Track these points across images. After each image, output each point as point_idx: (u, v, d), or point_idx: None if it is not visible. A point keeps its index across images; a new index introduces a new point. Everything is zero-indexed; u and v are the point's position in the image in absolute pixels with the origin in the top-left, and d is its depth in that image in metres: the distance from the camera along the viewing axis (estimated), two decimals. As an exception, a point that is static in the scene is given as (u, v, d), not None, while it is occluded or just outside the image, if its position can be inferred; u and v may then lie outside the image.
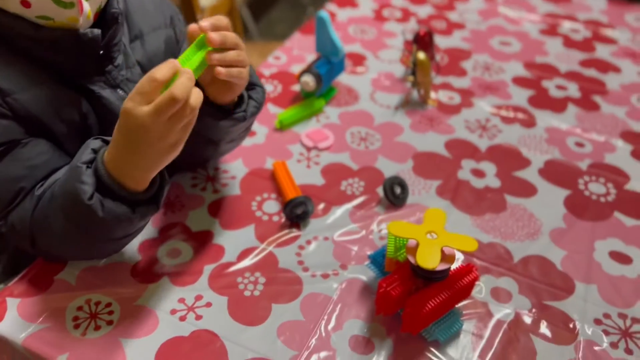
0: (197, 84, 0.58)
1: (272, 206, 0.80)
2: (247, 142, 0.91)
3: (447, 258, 0.60)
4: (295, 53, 1.15)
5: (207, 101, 0.64)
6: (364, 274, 0.71)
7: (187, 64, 0.57)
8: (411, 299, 0.61)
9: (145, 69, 0.74)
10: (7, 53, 0.63)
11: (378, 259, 0.69)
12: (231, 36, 0.61)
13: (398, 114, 1.00)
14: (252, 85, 0.72)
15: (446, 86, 1.08)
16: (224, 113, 0.67)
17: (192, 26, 0.59)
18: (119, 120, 0.55)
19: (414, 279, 0.62)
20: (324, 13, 0.95)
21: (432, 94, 1.05)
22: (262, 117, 0.97)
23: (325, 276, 0.71)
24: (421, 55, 0.97)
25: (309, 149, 0.91)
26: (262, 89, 0.74)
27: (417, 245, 0.60)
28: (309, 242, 0.75)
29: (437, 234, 0.61)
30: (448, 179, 0.87)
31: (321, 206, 0.81)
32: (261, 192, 0.82)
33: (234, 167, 0.86)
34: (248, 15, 2.46)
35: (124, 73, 0.70)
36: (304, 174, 0.86)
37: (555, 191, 0.86)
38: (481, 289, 0.70)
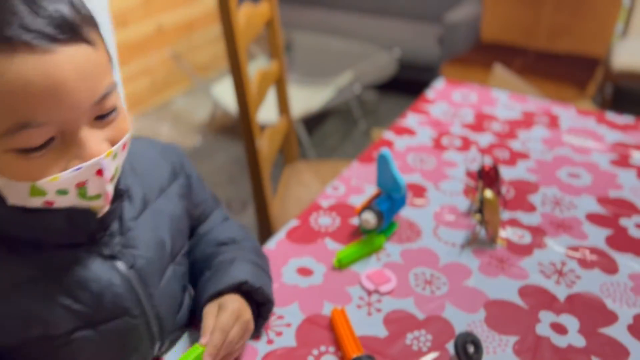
0: None
1: (330, 362, 0.73)
2: (304, 282, 0.86)
3: None
4: (353, 183, 1.13)
5: None
6: None
7: None
8: None
9: (178, 222, 0.75)
10: None
11: None
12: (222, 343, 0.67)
13: (465, 253, 0.94)
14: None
15: (514, 222, 1.01)
16: None
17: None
18: None
19: None
20: (386, 151, 0.93)
21: (501, 232, 0.98)
22: (319, 254, 0.92)
23: None
24: (489, 194, 0.92)
25: (369, 293, 0.85)
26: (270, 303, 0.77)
27: None
28: (371, 411, 0.67)
29: None
30: (526, 335, 0.78)
31: (384, 364, 0.73)
32: (318, 344, 0.76)
33: (290, 312, 0.81)
34: (303, 130, 2.52)
35: (118, 240, 0.65)
36: (364, 323, 0.79)
37: (651, 354, 0.76)
38: None
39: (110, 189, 0.59)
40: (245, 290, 0.73)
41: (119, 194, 0.64)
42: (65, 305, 0.60)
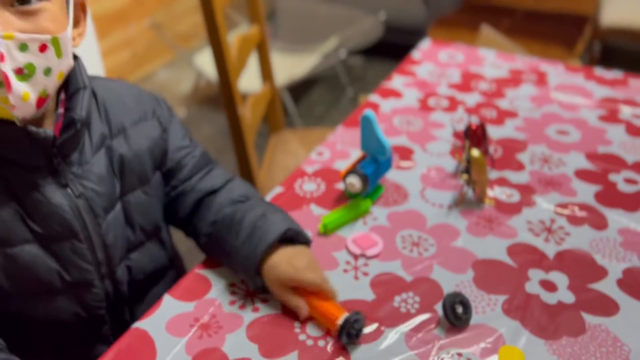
0: None
1: (317, 327, 0.72)
2: (290, 249, 0.85)
3: None
4: (338, 148, 1.10)
5: None
6: (426, 417, 0.61)
7: None
8: None
9: (132, 164, 0.74)
10: None
11: None
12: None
13: (452, 214, 0.92)
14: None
15: (503, 182, 1.00)
16: None
17: None
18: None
19: None
20: (369, 112, 0.90)
21: (489, 192, 0.97)
22: (305, 220, 0.90)
23: (380, 420, 0.61)
24: (475, 152, 0.90)
25: (356, 257, 0.84)
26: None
27: None
28: (360, 374, 0.66)
29: None
30: (515, 294, 0.77)
31: (372, 328, 0.72)
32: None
33: (276, 279, 0.79)
34: (288, 98, 2.48)
35: (75, 170, 0.69)
36: (351, 288, 0.78)
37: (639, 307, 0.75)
38: None
39: (16, 84, 0.58)
40: (288, 237, 0.76)
41: (72, 123, 0.66)
42: (20, 218, 0.66)
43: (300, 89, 2.81)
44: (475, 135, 0.98)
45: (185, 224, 0.85)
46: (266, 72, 1.59)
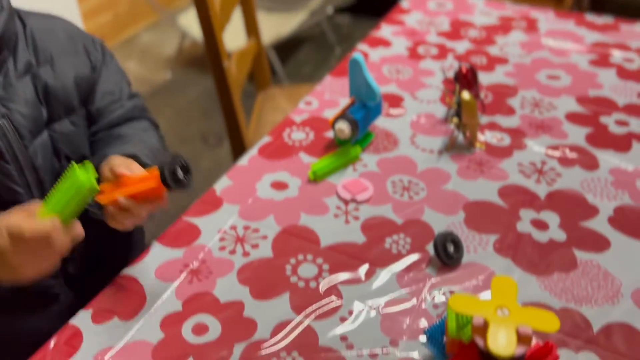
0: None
1: (308, 269, 0.72)
2: (279, 195, 0.83)
3: (523, 339, 0.50)
4: (327, 97, 1.08)
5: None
6: (419, 350, 0.61)
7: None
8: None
9: (57, 93, 0.73)
10: None
11: (437, 336, 0.59)
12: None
13: (443, 158, 0.91)
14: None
15: (493, 126, 0.99)
16: None
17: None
18: None
19: None
20: (358, 55, 0.87)
21: (479, 136, 0.96)
22: (294, 168, 0.89)
23: (373, 355, 0.61)
24: (466, 95, 0.88)
25: (346, 202, 0.83)
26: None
27: (486, 324, 0.50)
28: (351, 313, 0.66)
29: (510, 309, 0.51)
30: (506, 233, 0.77)
31: (364, 268, 0.71)
32: (296, 253, 0.74)
33: (265, 225, 0.78)
34: (275, 58, 2.43)
35: None
36: (342, 231, 0.77)
37: (631, 243, 0.75)
38: (559, 368, 0.59)
39: None
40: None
41: None
42: None
43: (287, 48, 2.75)
44: (465, 79, 0.96)
45: None
46: (251, 26, 1.55)
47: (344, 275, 0.71)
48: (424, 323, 0.65)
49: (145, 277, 0.71)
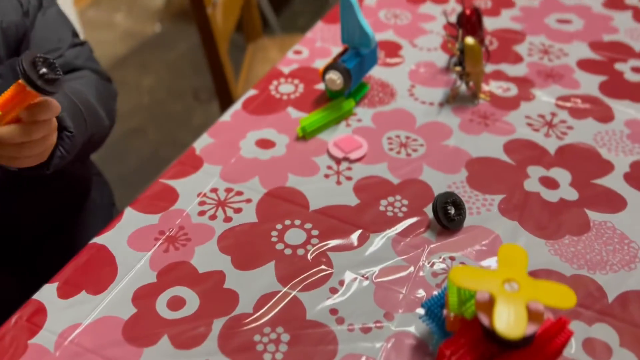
0: None
1: (296, 236, 0.65)
2: (264, 154, 0.76)
3: (534, 316, 0.44)
4: (318, 45, 0.99)
5: None
6: (416, 325, 0.56)
7: None
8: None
9: None
10: None
11: (435, 310, 0.53)
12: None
13: (444, 111, 0.84)
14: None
15: (499, 75, 0.90)
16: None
17: None
18: None
19: (487, 343, 0.46)
20: (350, -5, 0.79)
21: (484, 86, 0.88)
22: (282, 125, 0.82)
23: (366, 330, 0.56)
24: (470, 40, 0.80)
25: (338, 161, 0.76)
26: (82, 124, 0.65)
27: (492, 300, 0.44)
28: (342, 283, 0.60)
29: (519, 282, 0.45)
30: (513, 192, 0.70)
31: (356, 234, 0.65)
32: (282, 218, 0.67)
33: (249, 187, 0.72)
34: (268, 8, 2.31)
35: None
36: (333, 193, 0.71)
37: (649, 202, 0.69)
38: (570, 342, 0.54)
39: None
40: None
41: None
42: None
43: (280, -2, 2.63)
44: (469, 22, 0.87)
45: None
46: (238, -29, 1.44)
47: (334, 242, 0.64)
48: (421, 293, 0.59)
49: (116, 247, 0.64)
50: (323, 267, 0.62)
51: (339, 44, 0.98)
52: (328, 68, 0.80)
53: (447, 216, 0.64)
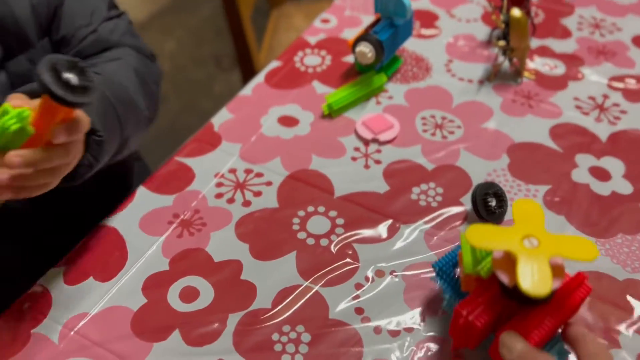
0: None
1: (319, 224, 0.60)
2: (287, 133, 0.71)
3: (556, 271, 0.41)
4: (347, 14, 0.92)
5: None
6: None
7: None
8: (506, 330, 0.42)
9: (7, 26, 0.59)
10: None
11: (447, 269, 0.49)
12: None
13: (483, 90, 0.77)
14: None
15: (545, 51, 0.83)
16: None
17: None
18: None
19: (504, 301, 0.43)
20: (386, -41, 0.71)
21: (528, 63, 0.80)
22: (307, 101, 0.76)
23: (394, 333, 0.51)
24: (516, 12, 0.72)
25: (366, 142, 0.70)
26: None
27: (510, 257, 0.41)
28: (368, 279, 0.55)
29: (538, 238, 0.41)
30: (559, 183, 0.64)
31: (385, 225, 0.60)
32: (305, 204, 0.62)
33: (270, 168, 0.67)
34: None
35: None
36: (361, 178, 0.65)
37: None
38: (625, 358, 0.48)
39: None
40: None
41: None
42: None
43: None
44: (515, -8, 0.79)
45: None
46: None
47: (361, 232, 0.59)
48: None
49: (128, 230, 0.60)
50: (348, 260, 0.57)
51: (370, 13, 0.91)
52: (359, 39, 0.74)
53: (487, 208, 0.58)
